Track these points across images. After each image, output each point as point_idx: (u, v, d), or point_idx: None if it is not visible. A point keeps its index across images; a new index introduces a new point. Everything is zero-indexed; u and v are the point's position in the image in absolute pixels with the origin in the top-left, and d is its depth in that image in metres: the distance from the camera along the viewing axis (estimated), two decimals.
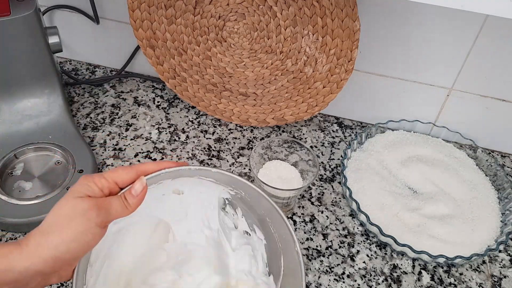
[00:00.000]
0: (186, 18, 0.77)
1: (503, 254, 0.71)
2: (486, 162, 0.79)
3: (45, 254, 0.39)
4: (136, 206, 0.44)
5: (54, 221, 0.40)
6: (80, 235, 0.40)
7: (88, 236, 0.40)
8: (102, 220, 0.41)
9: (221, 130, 0.86)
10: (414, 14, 0.72)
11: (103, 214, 0.41)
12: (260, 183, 0.70)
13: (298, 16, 0.73)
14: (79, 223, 0.40)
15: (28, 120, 0.75)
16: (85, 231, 0.40)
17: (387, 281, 0.67)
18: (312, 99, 0.80)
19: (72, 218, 0.40)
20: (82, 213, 0.40)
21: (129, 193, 0.44)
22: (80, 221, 0.40)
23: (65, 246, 0.39)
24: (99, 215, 0.41)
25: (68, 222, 0.40)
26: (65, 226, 0.40)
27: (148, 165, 0.47)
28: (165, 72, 0.84)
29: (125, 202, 0.44)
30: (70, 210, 0.40)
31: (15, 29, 0.68)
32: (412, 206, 0.72)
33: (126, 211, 0.44)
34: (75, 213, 0.40)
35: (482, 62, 0.75)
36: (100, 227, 0.41)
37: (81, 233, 0.40)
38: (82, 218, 0.40)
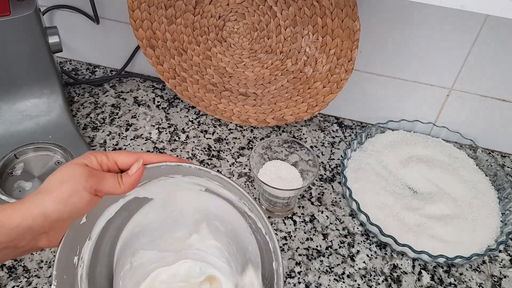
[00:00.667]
0: (186, 18, 0.77)
1: (503, 254, 0.71)
2: (486, 162, 0.79)
3: (35, 211, 0.41)
4: (129, 185, 0.46)
5: (49, 183, 0.43)
6: (68, 196, 0.42)
7: (75, 198, 0.42)
8: (91, 186, 0.43)
9: (221, 130, 0.86)
10: (414, 14, 0.72)
11: (93, 181, 0.43)
12: (260, 183, 0.70)
13: (298, 16, 0.73)
14: (68, 185, 0.42)
15: (28, 120, 0.76)
16: (72, 193, 0.42)
17: (387, 281, 0.67)
18: (312, 99, 0.80)
19: (64, 180, 0.42)
20: (73, 176, 0.43)
21: (126, 173, 0.46)
22: (70, 183, 0.42)
23: (52, 205, 0.42)
24: (88, 181, 0.43)
25: (60, 183, 0.42)
26: (56, 187, 0.42)
27: (151, 155, 0.49)
28: (165, 72, 0.84)
29: (119, 179, 0.45)
30: (64, 173, 0.43)
31: (15, 29, 0.68)
32: (412, 206, 0.72)
33: (118, 188, 0.45)
34: (67, 176, 0.43)
35: (482, 62, 0.75)
36: (89, 192, 0.43)
37: (69, 195, 0.42)
38: (72, 181, 0.42)
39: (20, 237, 0.42)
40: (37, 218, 0.41)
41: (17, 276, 0.63)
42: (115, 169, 0.47)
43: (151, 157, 0.48)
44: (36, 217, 0.41)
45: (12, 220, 0.41)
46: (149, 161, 0.48)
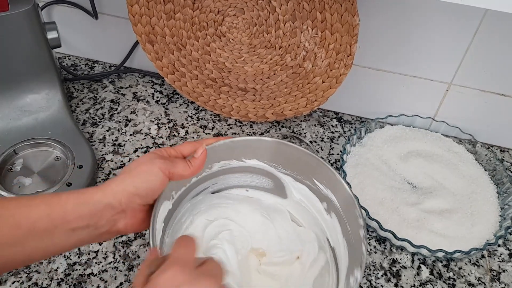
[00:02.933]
0: (185, 13, 0.77)
1: (502, 249, 0.72)
2: (485, 157, 0.79)
3: (115, 188, 0.46)
4: (197, 166, 0.51)
5: (127, 167, 0.48)
6: (145, 174, 0.47)
7: (152, 176, 0.47)
8: (166, 167, 0.48)
9: (221, 126, 0.86)
10: (413, 9, 0.72)
11: (167, 163, 0.49)
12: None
13: (297, 10, 0.73)
14: (146, 165, 0.48)
15: (27, 116, 0.75)
16: (148, 171, 0.47)
17: (386, 275, 0.67)
18: (312, 94, 0.80)
19: (142, 163, 0.48)
20: (150, 159, 0.48)
21: (192, 157, 0.52)
22: (147, 164, 0.48)
23: (131, 181, 0.47)
24: (162, 163, 0.48)
25: (137, 165, 0.48)
26: (134, 168, 0.48)
27: (208, 139, 0.56)
28: (164, 67, 0.84)
29: (187, 162, 0.51)
30: (141, 158, 0.49)
31: (13, 25, 0.68)
32: (411, 201, 0.72)
33: (188, 170, 0.50)
34: (144, 160, 0.48)
35: (481, 57, 0.75)
36: (162, 172, 0.48)
37: (146, 172, 0.47)
38: (148, 162, 0.48)
39: (100, 213, 0.45)
40: (117, 194, 0.46)
41: (17, 271, 0.63)
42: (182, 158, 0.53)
43: (208, 140, 0.56)
44: (116, 194, 0.46)
45: (94, 197, 0.45)
46: (207, 143, 0.55)
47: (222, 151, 0.58)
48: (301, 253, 0.59)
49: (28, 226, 0.42)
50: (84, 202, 0.44)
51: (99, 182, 0.74)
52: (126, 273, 0.64)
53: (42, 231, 0.43)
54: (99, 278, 0.63)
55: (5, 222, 0.41)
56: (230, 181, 0.64)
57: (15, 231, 0.41)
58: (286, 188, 0.63)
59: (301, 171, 0.60)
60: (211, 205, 0.62)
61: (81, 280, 0.62)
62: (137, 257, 0.66)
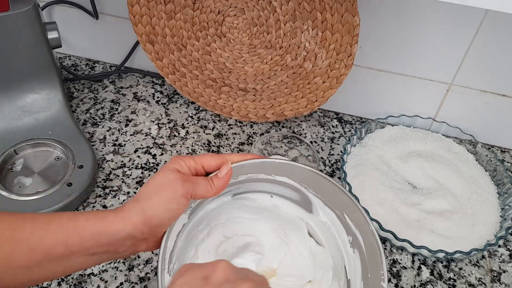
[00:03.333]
0: (185, 13, 0.77)
1: (502, 249, 0.72)
2: (486, 157, 0.79)
3: (135, 218, 0.43)
4: (220, 187, 0.48)
5: (146, 190, 0.45)
6: (166, 202, 0.44)
7: (173, 204, 0.44)
8: (187, 191, 0.45)
9: (221, 126, 0.86)
10: (414, 9, 0.72)
11: (188, 186, 0.45)
12: None
13: (298, 11, 0.73)
14: (166, 191, 0.44)
15: (28, 116, 0.75)
16: (170, 199, 0.44)
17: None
18: (312, 94, 0.80)
19: (161, 187, 0.45)
20: (169, 182, 0.45)
21: (216, 176, 0.49)
22: (167, 189, 0.44)
23: (152, 211, 0.44)
24: (184, 186, 0.45)
25: (158, 191, 0.44)
26: (154, 194, 0.44)
27: (234, 155, 0.52)
28: (165, 67, 0.84)
29: (210, 182, 0.48)
30: (160, 180, 0.45)
31: (14, 25, 0.68)
32: (411, 201, 0.72)
33: (210, 191, 0.48)
34: (164, 183, 0.45)
35: (482, 57, 0.75)
36: (185, 197, 0.45)
37: (167, 201, 0.44)
38: (169, 187, 0.44)
39: (120, 243, 0.43)
40: (137, 225, 0.43)
41: None
42: (202, 172, 0.49)
43: (235, 157, 0.51)
44: (137, 224, 0.43)
45: (114, 227, 0.43)
46: (234, 161, 0.51)
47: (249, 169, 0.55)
48: (313, 278, 0.57)
49: (44, 251, 0.41)
50: (102, 231, 0.42)
51: (99, 182, 0.74)
52: (127, 273, 0.64)
53: (59, 256, 0.42)
54: (99, 278, 0.63)
55: (20, 246, 0.40)
56: (256, 187, 0.61)
57: (31, 255, 0.41)
58: (313, 206, 0.60)
59: (333, 202, 0.57)
60: (230, 218, 0.60)
61: (81, 280, 0.62)
62: (137, 257, 0.66)
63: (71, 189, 0.69)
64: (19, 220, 0.42)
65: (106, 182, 0.75)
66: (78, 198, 0.69)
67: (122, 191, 0.73)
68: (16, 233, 0.41)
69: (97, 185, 0.74)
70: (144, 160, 0.78)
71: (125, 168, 0.77)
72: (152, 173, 0.76)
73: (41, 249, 0.41)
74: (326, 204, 0.58)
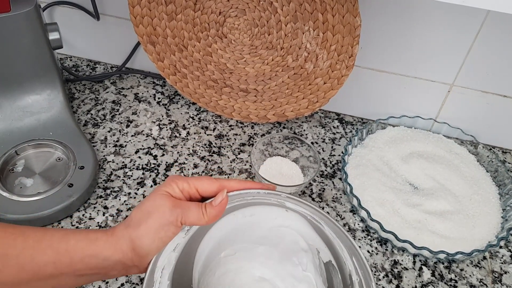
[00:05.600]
0: (186, 14, 0.77)
1: (503, 250, 0.72)
2: (487, 158, 0.79)
3: (124, 246, 0.42)
4: (212, 217, 0.45)
5: (136, 216, 0.44)
6: (154, 231, 0.43)
7: (161, 232, 0.43)
8: (176, 218, 0.43)
9: (222, 127, 0.86)
10: (415, 10, 0.72)
11: (177, 212, 0.43)
12: (261, 180, 0.70)
13: (299, 12, 0.73)
14: (154, 219, 0.43)
15: (29, 117, 0.76)
16: (158, 227, 0.43)
17: (388, 277, 0.67)
18: (313, 95, 0.80)
19: (150, 213, 0.43)
20: (158, 208, 0.43)
21: (209, 203, 0.45)
22: (155, 216, 0.43)
23: (140, 241, 0.42)
24: (172, 213, 0.43)
25: (146, 218, 0.43)
26: (143, 221, 0.43)
27: (233, 182, 0.48)
28: (166, 68, 0.84)
29: (202, 210, 0.45)
30: (149, 206, 0.44)
31: (15, 26, 0.68)
32: (413, 202, 0.72)
33: (202, 219, 0.45)
34: (152, 208, 0.43)
35: (484, 58, 0.75)
36: (173, 225, 0.43)
37: (155, 229, 0.43)
38: (157, 214, 0.43)
39: (110, 267, 0.43)
40: (127, 254, 0.43)
41: None
42: (197, 196, 0.47)
43: (234, 184, 0.48)
44: (126, 253, 0.43)
45: (104, 252, 0.42)
46: (232, 189, 0.47)
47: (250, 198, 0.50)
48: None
49: (33, 270, 0.41)
50: (92, 254, 0.42)
51: (100, 183, 0.74)
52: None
53: (48, 276, 0.41)
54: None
55: (10, 263, 0.40)
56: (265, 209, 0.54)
57: (20, 273, 0.40)
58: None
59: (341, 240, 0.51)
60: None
61: None
62: None
63: (72, 190, 0.69)
64: (10, 235, 0.41)
65: (107, 183, 0.75)
66: (79, 199, 0.69)
67: (123, 192, 0.73)
68: (6, 249, 0.40)
69: (98, 186, 0.74)
70: (145, 161, 0.78)
71: (126, 169, 0.77)
72: (153, 174, 0.76)
73: (31, 268, 0.40)
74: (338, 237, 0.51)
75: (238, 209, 0.53)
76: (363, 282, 0.49)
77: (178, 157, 0.80)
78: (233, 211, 0.53)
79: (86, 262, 0.42)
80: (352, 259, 0.50)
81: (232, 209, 0.53)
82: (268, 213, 0.54)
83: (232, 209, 0.53)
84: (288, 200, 0.52)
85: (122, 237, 0.43)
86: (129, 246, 0.42)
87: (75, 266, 0.42)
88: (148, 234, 0.42)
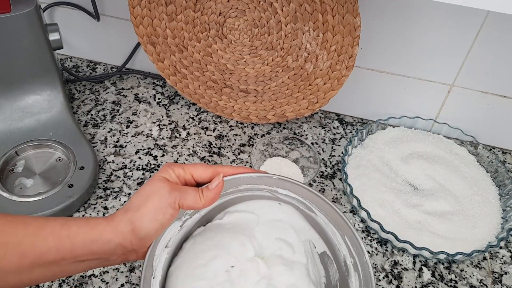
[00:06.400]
0: (186, 15, 0.77)
1: (503, 251, 0.72)
2: (487, 159, 0.79)
3: (124, 228, 0.44)
4: (209, 200, 0.47)
5: (135, 200, 0.45)
6: (153, 212, 0.44)
7: (160, 214, 0.44)
8: (174, 201, 0.45)
9: (222, 127, 0.86)
10: (415, 10, 0.72)
11: (175, 195, 0.45)
12: None
13: (299, 12, 0.73)
14: (153, 201, 0.44)
15: (29, 117, 0.76)
16: (157, 209, 0.44)
17: (388, 277, 0.67)
18: (313, 95, 0.80)
19: (149, 196, 0.44)
20: (156, 191, 0.45)
21: (206, 187, 0.48)
22: (154, 199, 0.44)
23: (140, 222, 0.44)
24: (171, 195, 0.45)
25: (145, 201, 0.44)
26: (142, 204, 0.44)
27: (227, 168, 0.50)
28: (166, 69, 0.84)
29: (199, 193, 0.47)
30: (148, 190, 0.45)
31: (15, 26, 0.68)
32: (413, 203, 0.72)
33: (199, 202, 0.47)
34: (151, 192, 0.45)
35: (484, 59, 0.75)
36: (171, 207, 0.45)
37: (154, 211, 0.44)
38: (156, 196, 0.44)
39: (111, 251, 0.44)
40: (126, 236, 0.44)
41: None
42: (192, 182, 0.49)
43: (228, 169, 0.50)
44: (126, 235, 0.44)
45: (105, 235, 0.43)
46: (226, 174, 0.50)
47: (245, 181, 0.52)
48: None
49: (35, 256, 0.41)
50: (94, 239, 0.43)
51: (100, 183, 0.74)
52: (127, 275, 0.64)
53: (50, 262, 0.42)
54: (100, 279, 0.63)
55: (11, 251, 0.40)
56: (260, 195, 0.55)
57: (21, 260, 0.41)
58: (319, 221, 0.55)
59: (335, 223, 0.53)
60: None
61: (82, 281, 0.62)
62: None
63: (72, 191, 0.69)
64: (11, 223, 0.42)
65: (107, 183, 0.75)
66: (79, 199, 0.69)
67: (123, 192, 0.73)
68: (7, 237, 0.41)
69: (98, 186, 0.74)
70: (145, 161, 0.78)
71: (126, 169, 0.77)
72: (153, 174, 0.76)
73: (32, 254, 0.41)
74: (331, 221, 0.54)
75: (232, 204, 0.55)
76: (357, 262, 0.50)
77: (178, 158, 0.80)
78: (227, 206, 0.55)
79: (87, 246, 0.43)
80: (345, 241, 0.52)
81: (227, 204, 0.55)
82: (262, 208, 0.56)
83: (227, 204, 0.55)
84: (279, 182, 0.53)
85: (122, 220, 0.44)
86: (129, 228, 0.43)
87: (77, 251, 0.42)
88: (147, 216, 0.44)
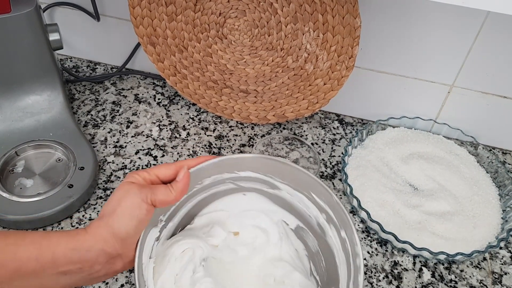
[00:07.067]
0: (186, 15, 0.77)
1: (503, 251, 0.72)
2: (487, 159, 0.79)
3: (104, 233, 0.43)
4: (179, 191, 0.48)
5: (107, 207, 0.45)
6: (129, 210, 0.44)
7: (136, 210, 0.45)
8: (146, 196, 0.45)
9: (222, 127, 0.86)
10: (415, 11, 0.72)
11: (146, 191, 0.46)
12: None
13: (299, 13, 0.73)
14: (126, 200, 0.45)
15: (29, 118, 0.76)
16: (132, 206, 0.44)
17: (388, 278, 0.67)
18: (313, 96, 0.80)
19: (121, 199, 0.45)
20: (127, 192, 0.45)
21: (174, 181, 0.49)
22: (127, 199, 0.45)
23: (117, 223, 0.44)
24: (141, 192, 0.45)
25: (118, 203, 0.45)
26: (116, 207, 0.45)
27: (189, 160, 0.52)
28: (166, 69, 0.84)
29: (169, 187, 0.48)
30: (118, 194, 0.46)
31: (15, 26, 0.68)
32: (413, 203, 0.72)
33: (171, 195, 0.47)
34: (122, 195, 0.45)
35: (484, 59, 0.75)
36: (145, 202, 0.45)
37: (130, 208, 0.44)
38: (128, 196, 0.45)
39: (94, 259, 0.43)
40: (108, 240, 0.44)
41: None
42: (158, 182, 0.49)
43: (190, 162, 0.51)
44: (107, 239, 0.43)
45: (85, 243, 0.43)
46: (190, 166, 0.51)
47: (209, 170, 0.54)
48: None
49: (15, 267, 0.40)
50: (74, 247, 0.42)
51: (100, 183, 0.74)
52: (127, 275, 0.64)
53: (30, 273, 0.41)
54: None
55: None
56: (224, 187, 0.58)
57: (1, 270, 0.40)
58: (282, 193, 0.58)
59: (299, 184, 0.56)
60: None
61: None
62: None
63: (72, 191, 0.69)
64: None
65: (107, 184, 0.75)
66: (79, 199, 0.69)
67: None
68: None
69: (98, 186, 0.74)
70: (145, 161, 0.78)
71: (126, 170, 0.77)
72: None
73: (12, 264, 0.40)
74: (295, 189, 0.56)
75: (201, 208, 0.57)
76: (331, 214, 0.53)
77: (178, 158, 0.80)
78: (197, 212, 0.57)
79: (68, 256, 0.42)
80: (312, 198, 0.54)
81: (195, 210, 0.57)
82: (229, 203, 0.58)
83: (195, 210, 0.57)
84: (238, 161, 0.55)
85: (99, 226, 0.44)
86: (109, 232, 0.43)
87: (58, 261, 0.42)
88: (123, 214, 0.44)
